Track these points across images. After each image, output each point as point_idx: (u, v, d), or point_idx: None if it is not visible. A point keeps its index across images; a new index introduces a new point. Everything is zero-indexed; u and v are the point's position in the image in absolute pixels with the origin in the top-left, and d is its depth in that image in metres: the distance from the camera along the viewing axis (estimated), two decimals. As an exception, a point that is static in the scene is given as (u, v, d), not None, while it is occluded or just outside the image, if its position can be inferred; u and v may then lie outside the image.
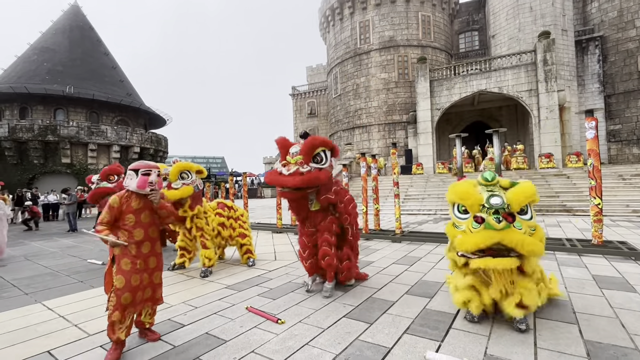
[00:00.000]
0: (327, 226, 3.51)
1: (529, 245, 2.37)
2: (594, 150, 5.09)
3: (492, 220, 2.42)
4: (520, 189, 2.50)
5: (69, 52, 26.58)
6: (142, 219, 2.50)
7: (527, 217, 2.52)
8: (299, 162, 3.26)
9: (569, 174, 13.63)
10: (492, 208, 2.46)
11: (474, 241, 2.42)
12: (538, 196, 2.57)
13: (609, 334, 2.44)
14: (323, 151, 3.37)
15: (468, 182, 2.71)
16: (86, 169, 21.96)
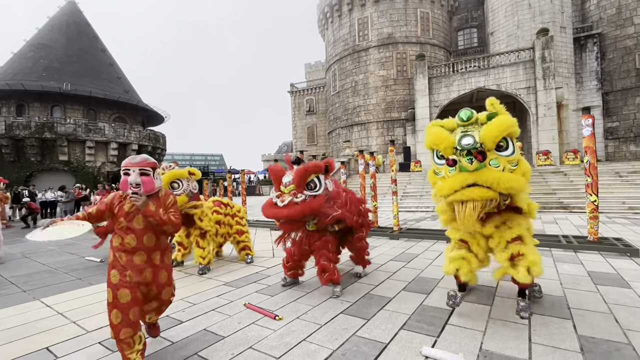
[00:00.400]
0: (323, 245, 3.53)
1: (507, 182, 2.24)
2: (590, 148, 5.12)
3: (465, 161, 2.31)
4: (493, 124, 2.36)
5: (66, 48, 26.39)
6: (135, 224, 2.20)
7: (508, 153, 2.38)
8: (292, 193, 3.24)
9: (566, 171, 13.69)
10: (464, 149, 2.34)
11: (449, 185, 2.36)
12: (516, 127, 2.40)
13: (603, 329, 2.47)
14: (316, 177, 3.33)
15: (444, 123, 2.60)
16: (84, 166, 21.89)
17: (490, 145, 2.33)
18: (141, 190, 2.15)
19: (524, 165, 2.43)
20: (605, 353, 2.15)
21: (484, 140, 2.33)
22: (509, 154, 2.38)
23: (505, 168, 2.33)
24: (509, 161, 2.36)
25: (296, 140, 40.70)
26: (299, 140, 40.31)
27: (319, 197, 3.27)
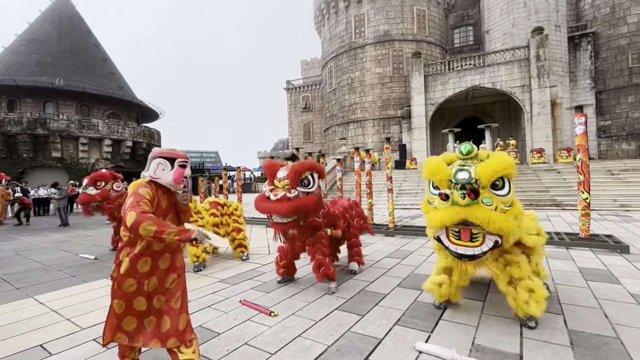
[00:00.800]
0: (316, 239, 3.54)
1: (497, 222, 2.20)
2: (582, 146, 5.18)
3: (458, 195, 2.29)
4: (491, 162, 2.35)
5: (58, 43, 25.99)
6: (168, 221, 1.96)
7: (503, 193, 2.35)
8: (285, 187, 3.22)
9: (559, 169, 13.84)
10: (458, 183, 2.33)
11: (440, 218, 2.36)
12: (514, 169, 2.37)
13: (593, 324, 2.52)
14: (310, 174, 3.34)
15: (444, 156, 2.63)
16: (77, 163, 21.64)
17: (485, 182, 2.32)
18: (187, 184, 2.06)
19: (518, 207, 2.41)
20: (594, 347, 2.19)
21: (479, 176, 2.32)
22: (504, 194, 2.35)
23: (498, 207, 2.30)
24: (503, 202, 2.33)
25: (292, 137, 40.61)
26: (295, 138, 40.22)
27: (312, 195, 3.26)
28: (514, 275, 2.52)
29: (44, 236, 8.51)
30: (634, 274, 3.70)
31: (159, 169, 1.93)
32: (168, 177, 1.94)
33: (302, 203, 3.18)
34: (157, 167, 1.93)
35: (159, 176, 1.93)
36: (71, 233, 8.93)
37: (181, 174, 1.97)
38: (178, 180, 1.97)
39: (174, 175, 1.95)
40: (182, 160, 2.00)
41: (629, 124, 21.94)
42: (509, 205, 2.35)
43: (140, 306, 1.89)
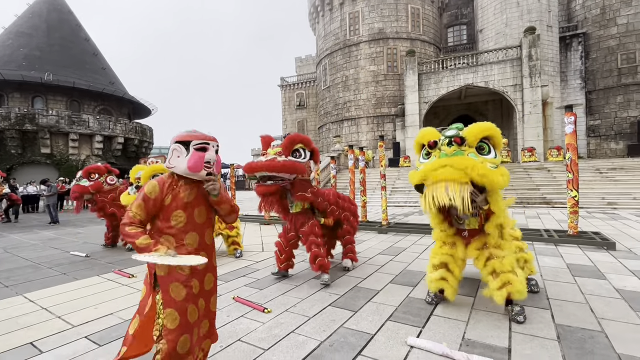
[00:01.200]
0: (310, 230, 3.57)
1: (481, 169, 2.24)
2: (572, 145, 5.27)
3: (445, 146, 2.42)
4: (476, 125, 2.48)
5: (47, 37, 25.43)
6: (197, 218, 1.75)
7: (490, 156, 2.44)
8: (277, 153, 3.28)
9: (549, 168, 14.07)
10: (446, 138, 2.47)
11: (423, 170, 2.44)
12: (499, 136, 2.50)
13: (579, 318, 2.59)
14: (302, 149, 3.41)
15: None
16: (67, 159, 21.28)
17: (471, 139, 2.41)
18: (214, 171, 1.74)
19: (504, 170, 2.45)
20: (580, 340, 2.25)
21: (466, 134, 2.45)
22: (491, 157, 2.45)
23: (484, 162, 2.36)
24: (489, 161, 2.40)
25: (286, 134, 40.48)
26: (289, 135, 40.09)
27: (301, 163, 3.35)
28: (496, 269, 2.59)
29: (33, 233, 8.38)
30: (619, 270, 3.79)
31: (173, 157, 1.70)
32: (182, 165, 1.68)
33: (291, 164, 3.24)
34: (172, 154, 1.71)
35: (173, 165, 1.70)
36: (61, 230, 8.81)
37: (199, 159, 1.68)
38: (195, 167, 1.68)
39: (189, 162, 1.67)
40: (199, 143, 1.70)
41: (618, 123, 22.36)
42: (495, 166, 2.41)
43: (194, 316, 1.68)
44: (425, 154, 2.63)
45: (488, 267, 2.63)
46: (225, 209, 1.85)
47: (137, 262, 4.91)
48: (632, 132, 20.77)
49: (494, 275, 2.60)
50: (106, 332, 2.60)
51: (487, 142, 2.48)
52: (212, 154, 1.73)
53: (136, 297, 3.37)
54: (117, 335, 2.53)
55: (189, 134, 1.73)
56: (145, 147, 26.68)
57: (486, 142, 2.48)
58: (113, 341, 2.44)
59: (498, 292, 2.52)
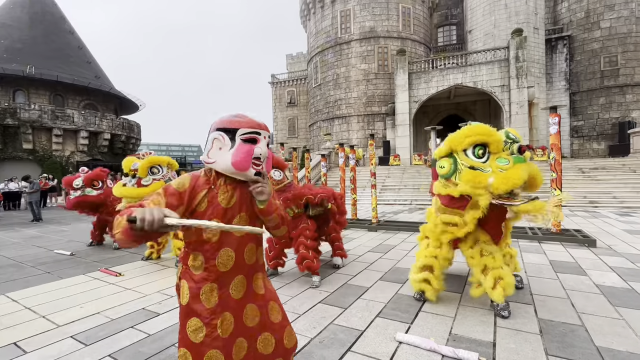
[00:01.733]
0: (301, 232, 3.60)
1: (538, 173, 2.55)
2: (556, 145, 5.42)
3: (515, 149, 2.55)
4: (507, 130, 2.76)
5: (29, 28, 24.62)
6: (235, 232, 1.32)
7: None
8: None
9: (535, 167, 14.41)
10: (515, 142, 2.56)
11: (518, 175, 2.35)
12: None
13: (560, 313, 2.68)
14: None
15: None
16: (50, 155, 20.70)
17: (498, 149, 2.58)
18: (264, 170, 1.33)
19: None
20: (561, 334, 2.34)
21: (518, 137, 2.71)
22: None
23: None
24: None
25: (277, 132, 40.28)
26: (279, 132, 39.92)
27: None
28: (488, 265, 2.65)
29: (15, 232, 8.15)
30: (599, 267, 3.93)
31: (214, 148, 1.30)
32: (225, 160, 1.27)
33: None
34: (212, 145, 1.30)
35: (213, 159, 1.30)
36: (45, 228, 8.58)
37: (246, 153, 1.26)
38: (241, 164, 1.25)
39: (233, 156, 1.25)
40: (247, 132, 1.28)
41: (600, 124, 23.03)
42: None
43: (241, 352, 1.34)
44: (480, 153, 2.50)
45: (481, 264, 2.69)
46: (274, 220, 1.39)
47: (125, 260, 4.84)
48: (613, 133, 21.44)
49: (485, 272, 2.66)
50: (93, 332, 2.56)
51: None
52: (263, 147, 1.31)
53: (124, 296, 3.33)
54: (104, 335, 2.50)
55: (234, 119, 1.31)
56: (133, 143, 26.18)
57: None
58: (99, 340, 2.41)
59: (494, 291, 2.56)
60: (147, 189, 4.11)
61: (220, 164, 1.29)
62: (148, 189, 4.11)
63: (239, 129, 1.29)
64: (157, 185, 4.19)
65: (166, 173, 4.35)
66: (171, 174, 4.45)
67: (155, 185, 4.18)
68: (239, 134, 1.28)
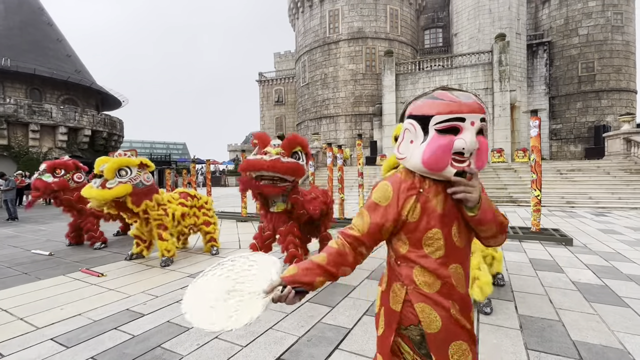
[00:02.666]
0: (289, 229, 3.59)
1: None
2: (536, 147, 5.61)
3: None
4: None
5: (5, 19, 23.54)
6: (456, 241, 1.06)
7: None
8: (280, 153, 3.23)
9: (516, 168, 14.86)
10: None
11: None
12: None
13: (539, 309, 2.78)
14: (300, 151, 3.43)
15: None
16: (27, 151, 19.87)
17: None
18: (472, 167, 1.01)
19: None
20: (540, 329, 2.43)
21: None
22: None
23: None
24: None
25: (264, 130, 40.00)
26: (267, 131, 39.58)
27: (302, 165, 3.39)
28: None
29: (-12, 231, 7.79)
30: (575, 264, 4.11)
31: (405, 142, 1.07)
32: (415, 157, 1.02)
33: (295, 166, 3.25)
34: (404, 138, 1.08)
35: (403, 155, 1.08)
36: (21, 227, 8.25)
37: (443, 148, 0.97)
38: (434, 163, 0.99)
39: (425, 152, 0.99)
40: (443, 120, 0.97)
41: (577, 127, 23.96)
42: None
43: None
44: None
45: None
46: (490, 230, 1.06)
47: (107, 260, 4.72)
48: (589, 136, 22.36)
49: None
50: (74, 334, 2.49)
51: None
52: (469, 138, 0.97)
53: (107, 297, 3.25)
54: (86, 337, 2.43)
55: (428, 102, 1.02)
56: (115, 140, 25.44)
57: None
58: (81, 342, 2.35)
59: (471, 290, 2.62)
60: (110, 192, 3.92)
61: (411, 162, 1.04)
62: (111, 192, 3.92)
63: (432, 117, 0.98)
64: (122, 188, 3.99)
65: (135, 175, 4.15)
66: (143, 176, 4.27)
67: (119, 188, 3.97)
68: (432, 124, 0.99)
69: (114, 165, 3.98)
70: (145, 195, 4.28)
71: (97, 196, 3.89)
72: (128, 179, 4.07)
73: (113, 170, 3.97)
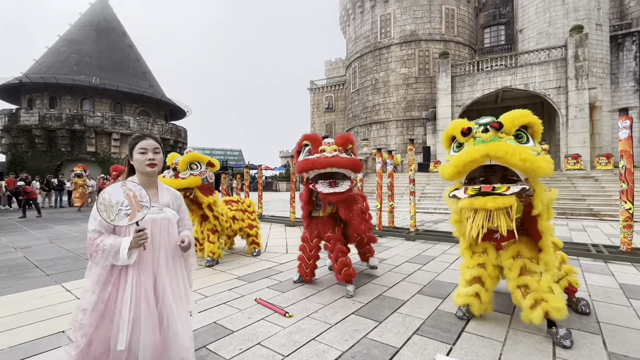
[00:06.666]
0: (338, 236, 3.46)
1: (523, 153, 1.99)
2: (627, 152, 4.77)
3: (480, 132, 2.20)
4: (513, 111, 2.29)
5: (96, 44, 27.44)
6: None
7: (529, 145, 2.20)
8: (337, 149, 3.18)
9: (597, 177, 12.96)
10: (480, 126, 2.26)
11: (459, 158, 2.18)
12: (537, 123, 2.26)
13: (636, 347, 2.27)
14: (350, 149, 3.36)
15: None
16: (109, 157, 22.75)
17: (508, 126, 2.20)
18: None
19: (548, 158, 2.17)
20: (640, 374, 1.97)
21: (503, 120, 2.25)
22: (530, 146, 2.21)
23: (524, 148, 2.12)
24: (530, 148, 2.16)
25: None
26: (316, 138, 40.28)
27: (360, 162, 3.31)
28: (529, 286, 2.34)
29: (76, 226, 8.96)
30: (684, 294, 3.34)
31: None
32: None
33: (356, 161, 3.17)
34: None
35: None
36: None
37: None
38: None
39: None
40: None
41: (678, 130, 20.20)
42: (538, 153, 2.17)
43: None
44: (456, 147, 2.39)
45: (519, 280, 2.39)
46: None
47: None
48: (695, 140, 18.68)
49: (523, 290, 2.36)
50: (132, 326, 2.65)
51: (525, 131, 2.26)
52: None
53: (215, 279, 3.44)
54: (142, 330, 2.57)
55: None
56: (180, 147, 27.91)
57: (524, 130, 2.26)
58: (137, 335, 2.48)
59: (532, 311, 2.28)
60: (183, 181, 4.25)
61: None
62: (184, 182, 4.25)
63: None
64: (193, 179, 4.31)
65: (204, 170, 4.48)
66: (209, 173, 4.57)
67: (191, 179, 4.30)
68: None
69: (188, 159, 4.38)
70: (209, 191, 4.59)
71: (171, 184, 4.24)
72: (198, 172, 4.41)
73: (186, 163, 4.36)
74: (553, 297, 2.26)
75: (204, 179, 4.46)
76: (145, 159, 1.73)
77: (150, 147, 1.75)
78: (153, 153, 1.75)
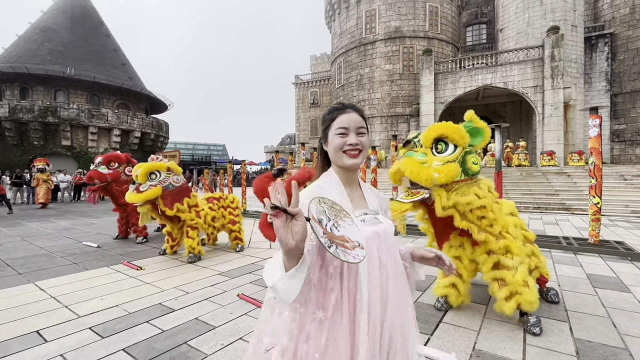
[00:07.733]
0: None
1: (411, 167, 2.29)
2: (596, 149, 5.02)
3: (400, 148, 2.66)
4: (431, 126, 2.51)
5: (70, 32, 26.22)
6: None
7: (446, 153, 2.39)
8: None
9: (569, 173, 13.55)
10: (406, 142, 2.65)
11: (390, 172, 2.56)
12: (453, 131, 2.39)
13: (600, 333, 2.42)
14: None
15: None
16: (86, 152, 21.90)
17: (425, 142, 2.46)
18: None
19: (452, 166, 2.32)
20: (601, 357, 2.10)
21: (422, 137, 2.52)
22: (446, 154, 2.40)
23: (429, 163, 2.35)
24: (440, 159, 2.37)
25: (299, 132, 40.53)
26: (302, 133, 40.14)
27: None
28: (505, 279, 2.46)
29: (50, 222, 8.62)
30: (645, 283, 3.57)
31: None
32: None
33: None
34: None
35: None
36: (77, 220, 9.03)
37: None
38: None
39: None
40: None
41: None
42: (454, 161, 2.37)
43: None
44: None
45: (496, 274, 2.51)
46: None
47: (146, 254, 4.97)
48: (660, 138, 19.80)
49: (500, 283, 2.48)
50: (110, 324, 2.60)
51: (444, 140, 2.43)
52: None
53: (143, 290, 3.38)
54: (120, 328, 2.53)
55: None
56: (161, 141, 27.19)
57: (444, 140, 2.43)
58: (115, 334, 2.44)
59: (506, 303, 2.41)
60: (142, 195, 4.16)
61: None
62: (143, 196, 4.16)
63: None
64: (152, 192, 4.22)
65: (164, 178, 4.37)
66: (172, 179, 4.46)
67: (150, 192, 4.20)
68: None
69: (145, 170, 4.27)
70: (176, 195, 4.46)
71: (133, 199, 4.17)
72: (157, 182, 4.32)
73: (145, 174, 4.26)
74: (527, 291, 2.38)
75: (166, 186, 4.36)
76: (343, 143, 1.04)
77: (353, 124, 1.05)
78: (356, 135, 1.05)
